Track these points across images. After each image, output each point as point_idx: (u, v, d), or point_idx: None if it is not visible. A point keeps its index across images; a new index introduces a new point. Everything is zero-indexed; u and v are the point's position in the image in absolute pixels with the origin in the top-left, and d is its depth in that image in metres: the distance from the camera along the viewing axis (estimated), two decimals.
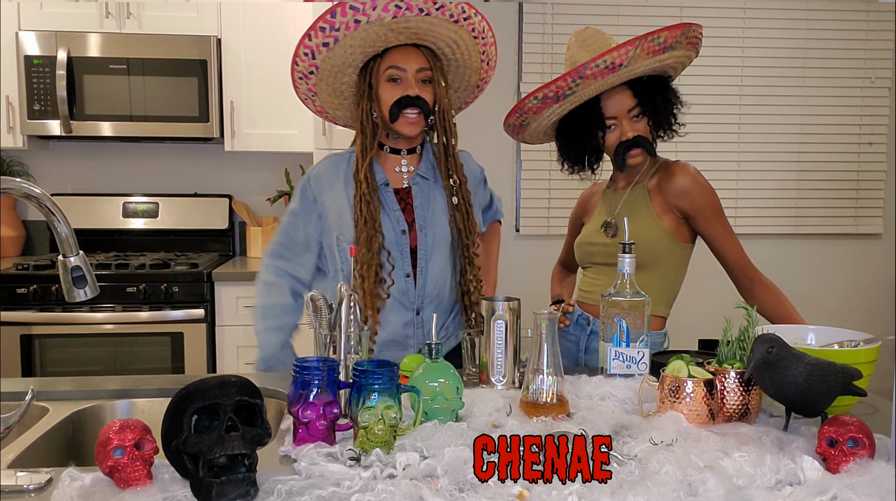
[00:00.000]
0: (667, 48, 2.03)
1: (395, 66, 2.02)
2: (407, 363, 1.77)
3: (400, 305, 2.10)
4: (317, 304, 1.63)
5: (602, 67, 2.00)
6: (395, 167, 2.13)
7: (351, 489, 1.17)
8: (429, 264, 2.11)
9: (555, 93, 2.08)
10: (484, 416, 1.49)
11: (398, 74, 2.02)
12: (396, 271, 2.07)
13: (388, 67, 2.02)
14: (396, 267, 2.07)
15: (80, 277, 1.35)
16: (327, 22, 1.92)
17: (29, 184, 1.29)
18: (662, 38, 2.01)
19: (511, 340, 1.77)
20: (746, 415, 1.50)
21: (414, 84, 2.02)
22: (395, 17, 1.91)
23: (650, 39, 2.00)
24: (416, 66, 2.02)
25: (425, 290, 2.12)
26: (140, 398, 1.80)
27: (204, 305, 3.62)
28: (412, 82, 2.02)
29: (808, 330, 1.83)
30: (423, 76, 2.04)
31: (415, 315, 2.12)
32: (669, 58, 2.06)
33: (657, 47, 2.01)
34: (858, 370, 1.43)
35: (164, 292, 3.57)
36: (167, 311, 3.58)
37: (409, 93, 2.00)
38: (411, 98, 2.00)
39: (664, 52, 2.03)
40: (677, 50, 2.06)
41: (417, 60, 2.03)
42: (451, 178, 2.10)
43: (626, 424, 1.46)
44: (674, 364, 1.52)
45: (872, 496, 1.14)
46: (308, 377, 1.37)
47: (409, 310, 2.11)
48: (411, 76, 2.02)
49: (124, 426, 1.20)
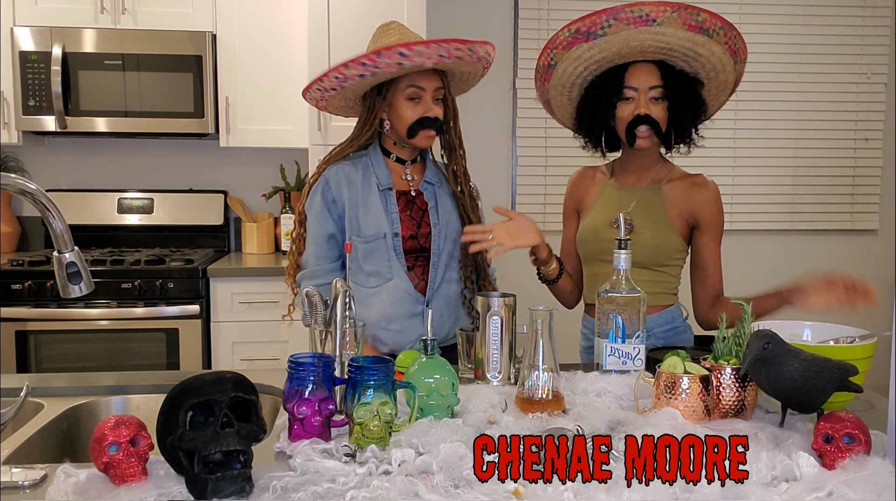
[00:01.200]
0: (703, 30, 2.03)
1: (415, 85, 2.12)
2: (402, 359, 1.77)
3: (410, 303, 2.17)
4: (312, 300, 1.63)
5: (637, 16, 2.00)
6: (402, 175, 2.25)
7: (346, 485, 1.17)
8: (440, 261, 2.20)
9: (587, 28, 2.06)
10: (479, 412, 1.49)
11: (418, 94, 2.13)
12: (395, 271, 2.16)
13: (409, 86, 2.12)
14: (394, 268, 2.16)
15: (75, 273, 1.35)
16: (371, 60, 2.01)
17: (24, 180, 1.29)
18: (702, 17, 2.02)
19: (507, 336, 1.77)
20: (742, 411, 1.50)
21: (432, 104, 2.13)
22: (436, 64, 2.06)
23: (689, 12, 2.01)
24: (433, 85, 2.14)
25: (435, 284, 2.20)
26: (135, 395, 1.80)
27: (199, 301, 3.61)
28: (430, 102, 2.13)
29: (804, 326, 1.83)
30: (438, 95, 2.16)
31: (425, 307, 2.18)
32: (704, 46, 2.05)
33: (694, 23, 2.02)
34: (854, 366, 1.43)
35: (159, 288, 3.57)
36: (162, 307, 3.58)
37: (430, 114, 2.13)
38: (431, 120, 2.13)
39: (700, 34, 2.03)
40: (713, 42, 2.05)
41: (435, 81, 2.14)
42: (458, 185, 2.24)
43: (622, 420, 1.46)
44: (669, 360, 1.52)
45: (868, 492, 1.14)
46: (303, 373, 1.37)
47: (419, 303, 2.18)
48: (429, 95, 2.14)
49: (119, 422, 1.20)
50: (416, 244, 2.19)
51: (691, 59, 2.10)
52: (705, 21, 2.03)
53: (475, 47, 2.06)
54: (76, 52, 3.72)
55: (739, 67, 2.16)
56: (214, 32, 3.87)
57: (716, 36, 2.05)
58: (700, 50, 2.07)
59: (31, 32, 3.69)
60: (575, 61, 2.14)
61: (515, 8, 4.34)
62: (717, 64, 2.11)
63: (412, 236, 2.19)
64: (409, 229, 2.18)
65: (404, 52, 1.99)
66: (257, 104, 3.95)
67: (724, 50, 2.09)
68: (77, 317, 3.53)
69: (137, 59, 3.77)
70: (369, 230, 2.16)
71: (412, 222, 2.20)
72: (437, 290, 2.20)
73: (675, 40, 2.04)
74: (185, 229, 4.23)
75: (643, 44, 2.05)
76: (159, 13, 3.83)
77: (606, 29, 2.05)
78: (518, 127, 4.42)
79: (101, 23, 3.79)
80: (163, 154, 4.30)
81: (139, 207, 4.19)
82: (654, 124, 2.11)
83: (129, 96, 3.78)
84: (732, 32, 2.07)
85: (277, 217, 4.22)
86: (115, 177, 4.27)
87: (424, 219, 2.22)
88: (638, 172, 2.23)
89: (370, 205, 2.17)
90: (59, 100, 3.69)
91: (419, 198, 2.24)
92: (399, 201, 2.21)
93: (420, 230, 2.20)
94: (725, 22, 2.05)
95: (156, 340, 3.58)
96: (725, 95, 2.24)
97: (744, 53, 2.13)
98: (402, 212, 2.20)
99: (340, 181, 2.19)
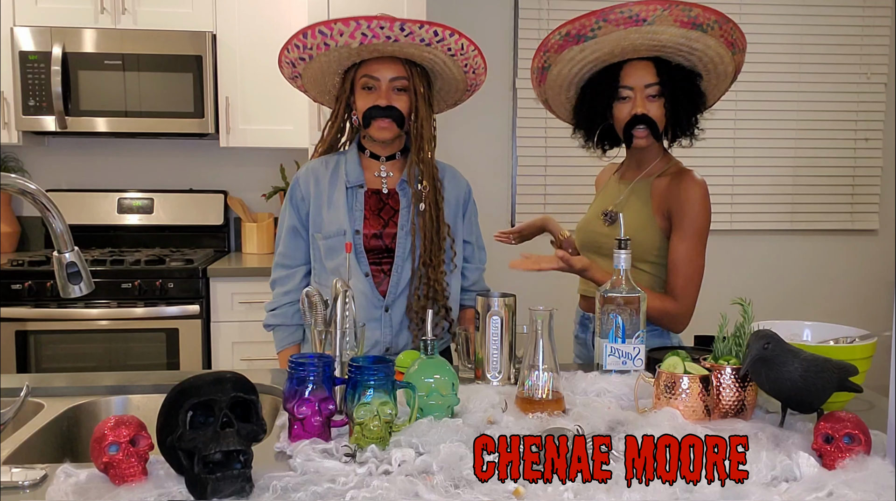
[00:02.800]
0: (696, 25, 1.99)
1: (368, 75, 2.10)
2: (402, 359, 1.77)
3: (368, 302, 2.13)
4: (312, 300, 1.63)
5: (626, 16, 1.97)
6: (375, 172, 2.20)
7: (346, 485, 1.16)
8: (404, 264, 2.15)
9: (577, 31, 2.04)
10: (479, 412, 1.49)
11: (372, 83, 2.10)
12: (353, 269, 2.11)
13: (364, 75, 2.10)
14: (352, 266, 2.11)
15: (75, 273, 1.35)
16: (300, 41, 2.05)
17: (24, 180, 1.29)
18: (694, 12, 1.97)
19: (507, 336, 1.77)
20: (742, 411, 1.50)
21: (385, 94, 2.08)
22: (362, 43, 2.01)
23: (681, 8, 1.96)
24: (389, 75, 2.09)
25: (397, 290, 2.15)
26: (135, 395, 1.80)
27: (199, 301, 3.61)
28: (384, 91, 2.09)
29: (805, 326, 1.83)
30: (398, 85, 2.11)
31: (383, 312, 2.15)
32: (698, 41, 2.02)
33: (686, 19, 1.98)
34: (854, 366, 1.43)
35: (159, 288, 3.57)
36: (162, 307, 3.58)
37: (380, 103, 2.08)
38: (381, 108, 2.07)
39: (693, 29, 1.99)
40: (708, 36, 2.01)
41: (392, 69, 2.09)
42: (420, 184, 2.14)
43: (622, 420, 1.45)
44: (669, 360, 1.52)
45: (868, 492, 1.14)
46: (303, 373, 1.37)
47: (377, 308, 2.14)
48: (384, 85, 2.09)
49: (119, 422, 1.19)
50: (380, 244, 2.15)
51: (687, 54, 2.07)
52: (698, 16, 1.98)
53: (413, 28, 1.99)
54: (76, 52, 3.72)
55: (739, 57, 2.12)
56: (214, 32, 3.87)
57: (710, 30, 2.01)
58: (695, 45, 2.03)
59: (31, 32, 3.69)
60: (568, 63, 2.13)
61: (515, 8, 4.34)
62: (714, 57, 2.08)
63: (375, 236, 2.14)
64: (372, 228, 2.14)
65: (323, 31, 2.00)
66: (257, 104, 3.95)
67: (720, 43, 2.04)
68: (77, 317, 3.53)
69: (137, 59, 3.77)
70: (331, 227, 2.14)
71: (378, 221, 2.15)
72: (400, 295, 2.15)
73: (668, 38, 2.01)
74: (185, 229, 4.23)
75: (635, 43, 2.03)
76: (159, 13, 3.83)
77: (597, 31, 2.02)
78: (518, 127, 4.41)
79: (101, 23, 3.79)
80: (163, 154, 4.30)
81: (139, 207, 4.19)
82: (652, 124, 2.09)
83: (129, 96, 3.78)
84: (728, 25, 2.02)
85: (277, 217, 4.22)
86: (115, 177, 4.27)
87: (394, 219, 2.16)
88: (638, 167, 2.22)
89: (334, 201, 2.15)
90: (59, 100, 3.68)
91: (392, 197, 2.18)
92: (370, 199, 2.17)
93: (386, 230, 2.15)
94: (720, 15, 2.00)
95: (156, 340, 3.58)
96: (726, 84, 2.19)
97: (742, 43, 2.09)
98: (369, 210, 2.16)
99: (309, 179, 2.20)
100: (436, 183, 2.16)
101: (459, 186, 2.27)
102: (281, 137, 3.97)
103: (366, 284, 2.13)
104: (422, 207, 2.13)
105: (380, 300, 2.14)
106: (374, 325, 2.13)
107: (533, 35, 4.31)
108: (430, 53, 2.08)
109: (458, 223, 2.25)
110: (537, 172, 4.42)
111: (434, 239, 2.14)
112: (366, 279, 2.13)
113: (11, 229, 4.09)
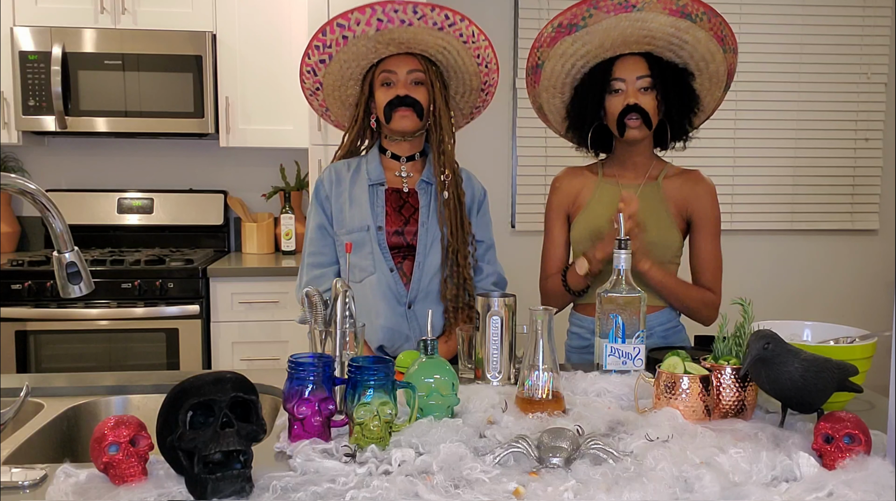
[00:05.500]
0: (685, 14, 2.02)
1: (386, 70, 2.16)
2: (402, 359, 1.77)
3: (392, 298, 2.16)
4: (312, 300, 1.63)
5: (616, 2, 2.01)
6: (396, 172, 2.24)
7: (346, 485, 1.16)
8: (425, 260, 2.18)
9: (569, 20, 2.07)
10: (479, 412, 1.49)
11: (390, 78, 2.16)
12: (378, 264, 2.15)
13: (382, 71, 2.17)
14: (377, 261, 2.15)
15: (75, 273, 1.35)
16: (320, 40, 2.12)
17: (24, 180, 1.29)
18: (683, 1, 2.02)
19: (507, 336, 1.77)
20: (742, 411, 1.50)
21: (404, 85, 2.14)
22: (379, 29, 2.07)
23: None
24: (406, 68, 2.15)
25: (419, 285, 2.18)
26: (135, 395, 1.80)
27: (199, 301, 3.61)
28: (403, 83, 2.14)
29: (805, 326, 1.83)
30: (414, 77, 2.16)
31: (406, 309, 2.17)
32: (688, 32, 2.05)
33: (675, 7, 2.01)
34: (855, 366, 1.43)
35: (158, 288, 3.57)
36: (162, 307, 3.58)
37: (399, 93, 2.14)
38: (401, 98, 2.13)
39: (682, 18, 2.02)
40: (698, 27, 2.04)
41: (409, 63, 2.16)
42: (443, 173, 2.19)
43: (622, 420, 1.45)
44: (670, 361, 1.52)
45: (868, 492, 1.14)
46: (303, 373, 1.37)
47: (401, 304, 2.17)
48: (402, 78, 2.15)
49: (119, 422, 1.19)
50: (401, 241, 2.19)
51: (677, 48, 2.10)
52: (687, 5, 2.02)
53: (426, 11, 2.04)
54: (76, 52, 3.72)
55: (730, 57, 2.14)
56: (214, 32, 3.87)
57: (700, 21, 2.04)
58: (685, 36, 2.07)
59: (31, 32, 3.69)
60: (561, 57, 2.16)
61: (515, 8, 4.35)
62: (704, 52, 2.11)
63: (397, 232, 2.19)
64: (394, 225, 2.19)
65: (341, 23, 2.05)
66: (257, 104, 3.95)
67: (710, 37, 2.08)
68: (77, 317, 3.53)
69: (137, 59, 3.77)
70: (354, 223, 2.18)
71: (399, 218, 2.20)
72: (422, 290, 2.19)
73: (657, 26, 2.04)
74: (184, 228, 4.23)
75: (625, 33, 2.06)
76: (159, 13, 3.83)
77: (587, 19, 2.05)
78: (518, 127, 4.42)
79: (101, 23, 3.79)
80: (163, 154, 4.30)
81: (139, 207, 4.19)
82: (644, 114, 2.10)
83: (129, 96, 3.78)
84: (717, 19, 2.06)
85: (277, 217, 4.22)
86: (114, 177, 4.27)
87: (414, 216, 2.21)
88: (634, 169, 2.22)
89: (356, 199, 2.19)
90: (59, 100, 3.69)
91: (412, 196, 2.23)
92: (391, 197, 2.22)
93: (407, 227, 2.19)
94: (709, 7, 2.03)
95: (156, 340, 3.58)
96: (719, 88, 2.21)
97: (733, 42, 2.12)
98: (391, 207, 2.20)
99: (332, 179, 2.24)
100: (456, 177, 2.22)
101: (474, 188, 2.32)
102: (281, 137, 3.97)
103: (391, 278, 2.17)
104: (446, 194, 2.18)
105: (403, 296, 2.17)
106: (397, 321, 2.16)
107: (533, 35, 4.27)
108: (443, 41, 2.13)
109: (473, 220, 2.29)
110: (537, 172, 4.43)
111: (459, 226, 2.19)
112: (391, 275, 2.17)
113: (11, 229, 4.09)
